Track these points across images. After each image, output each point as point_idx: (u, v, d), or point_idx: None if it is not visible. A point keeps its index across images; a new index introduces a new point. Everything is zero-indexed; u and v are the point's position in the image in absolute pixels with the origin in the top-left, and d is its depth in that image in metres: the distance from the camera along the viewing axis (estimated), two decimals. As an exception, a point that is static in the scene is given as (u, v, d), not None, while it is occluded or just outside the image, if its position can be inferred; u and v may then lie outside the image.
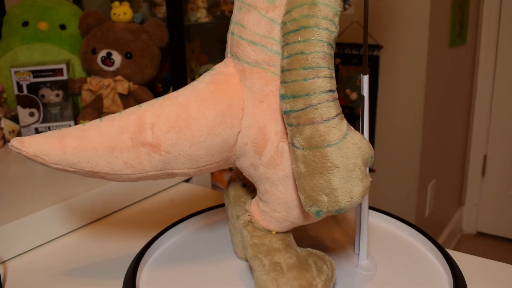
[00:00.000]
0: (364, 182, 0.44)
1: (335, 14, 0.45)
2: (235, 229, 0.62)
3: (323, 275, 0.53)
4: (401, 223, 0.69)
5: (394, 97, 1.84)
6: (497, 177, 2.29)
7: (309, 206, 0.45)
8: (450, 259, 0.59)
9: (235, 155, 0.53)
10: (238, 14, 0.51)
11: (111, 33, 1.19)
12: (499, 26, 2.14)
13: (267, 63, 0.49)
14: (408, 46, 1.76)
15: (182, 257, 0.64)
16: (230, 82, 0.52)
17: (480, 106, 2.25)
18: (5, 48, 1.20)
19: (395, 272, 0.60)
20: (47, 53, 1.20)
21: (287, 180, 0.49)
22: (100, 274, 0.63)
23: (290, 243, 0.53)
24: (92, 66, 1.19)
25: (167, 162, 0.50)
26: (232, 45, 0.52)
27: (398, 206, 1.92)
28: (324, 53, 0.44)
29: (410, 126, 1.82)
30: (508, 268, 0.62)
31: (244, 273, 0.60)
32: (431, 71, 1.78)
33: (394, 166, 1.90)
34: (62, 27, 1.24)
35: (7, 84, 1.17)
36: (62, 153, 0.47)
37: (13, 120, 1.14)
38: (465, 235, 2.41)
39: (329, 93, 0.44)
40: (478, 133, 2.28)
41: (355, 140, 0.44)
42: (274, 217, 0.51)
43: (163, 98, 0.51)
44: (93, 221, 0.79)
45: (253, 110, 0.50)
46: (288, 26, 0.45)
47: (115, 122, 0.49)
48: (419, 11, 1.71)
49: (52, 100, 1.11)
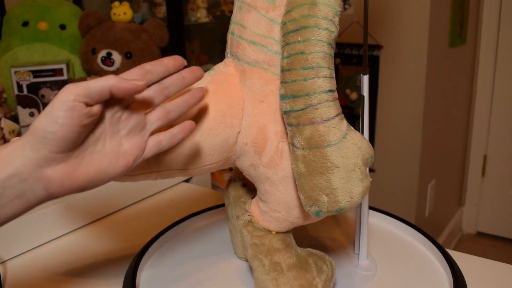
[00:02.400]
0: (364, 182, 0.44)
1: (335, 14, 0.45)
2: (235, 229, 0.62)
3: (323, 275, 0.52)
4: (401, 223, 0.69)
5: (394, 97, 1.84)
6: (497, 177, 2.29)
7: (309, 206, 0.45)
8: (450, 259, 0.59)
9: (235, 155, 0.53)
10: (238, 14, 0.51)
11: (111, 33, 1.19)
12: (499, 26, 2.14)
13: (267, 63, 0.49)
14: (408, 46, 1.76)
15: (182, 257, 0.64)
16: (230, 82, 0.52)
17: (480, 106, 2.25)
18: (5, 48, 1.20)
19: (395, 272, 0.60)
20: (47, 53, 1.20)
21: (287, 180, 0.49)
22: (100, 274, 0.63)
23: (290, 243, 0.53)
24: (92, 66, 1.19)
25: (167, 162, 0.50)
26: (232, 45, 0.52)
27: (398, 206, 1.92)
28: (324, 53, 0.44)
29: (410, 126, 1.82)
30: (508, 268, 0.62)
31: (244, 273, 0.60)
32: (431, 71, 1.78)
33: (394, 166, 1.90)
34: (62, 27, 1.24)
35: (7, 84, 1.17)
36: (62, 153, 0.47)
37: (13, 120, 1.13)
38: (465, 235, 2.40)
39: (329, 93, 0.44)
40: (478, 133, 2.28)
41: (355, 140, 0.44)
42: (274, 217, 0.51)
43: (163, 98, 0.51)
44: (93, 221, 0.79)
45: (253, 110, 0.50)
46: (288, 26, 0.45)
47: (115, 122, 0.49)
48: (419, 11, 1.71)
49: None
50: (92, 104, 0.39)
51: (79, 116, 0.38)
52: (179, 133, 0.45)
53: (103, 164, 0.41)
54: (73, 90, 0.37)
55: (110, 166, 0.41)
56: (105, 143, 0.42)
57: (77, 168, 0.40)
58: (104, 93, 0.39)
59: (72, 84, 0.38)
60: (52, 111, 0.37)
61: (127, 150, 0.43)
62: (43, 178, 0.38)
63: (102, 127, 0.41)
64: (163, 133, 0.45)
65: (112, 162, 0.42)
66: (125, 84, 0.39)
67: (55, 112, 0.37)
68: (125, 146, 0.43)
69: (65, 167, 0.39)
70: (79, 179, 0.40)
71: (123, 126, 0.43)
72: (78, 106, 0.37)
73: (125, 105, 0.43)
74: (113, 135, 0.42)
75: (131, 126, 0.43)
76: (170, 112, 0.45)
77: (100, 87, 0.38)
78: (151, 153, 0.44)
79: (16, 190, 0.37)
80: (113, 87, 0.39)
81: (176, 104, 0.46)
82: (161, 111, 0.45)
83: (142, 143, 0.44)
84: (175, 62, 0.45)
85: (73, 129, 0.38)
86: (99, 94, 0.38)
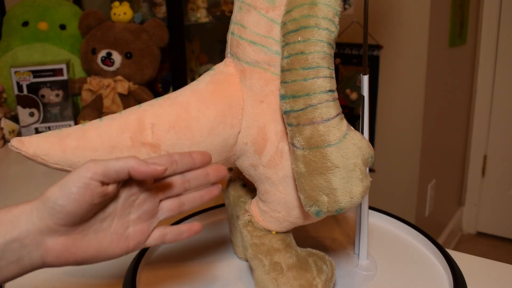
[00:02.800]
0: (364, 182, 0.44)
1: (335, 14, 0.45)
2: (235, 229, 0.62)
3: (323, 275, 0.52)
4: (401, 223, 0.69)
5: (394, 97, 1.84)
6: (497, 177, 2.29)
7: (309, 206, 0.45)
8: (450, 259, 0.59)
9: (235, 155, 0.53)
10: (238, 14, 0.51)
11: (111, 33, 1.19)
12: (499, 26, 2.13)
13: (267, 63, 0.49)
14: (408, 46, 1.76)
15: (182, 257, 0.64)
16: (230, 82, 0.52)
17: (480, 106, 2.25)
18: (5, 48, 1.20)
19: (395, 272, 0.60)
20: (47, 53, 1.20)
21: (287, 180, 0.49)
22: (100, 274, 0.63)
23: (290, 243, 0.53)
24: (92, 66, 1.19)
25: (167, 162, 0.50)
26: (232, 45, 0.52)
27: (398, 206, 1.91)
28: (324, 53, 0.44)
29: (410, 126, 1.82)
30: (508, 268, 0.62)
31: (244, 273, 0.60)
32: (431, 71, 1.78)
33: (394, 166, 1.90)
34: (62, 27, 1.24)
35: (7, 84, 1.17)
36: (62, 153, 0.47)
37: (13, 120, 1.14)
38: (465, 235, 2.40)
39: (329, 93, 0.44)
40: (478, 133, 2.28)
41: (355, 140, 0.44)
42: (274, 217, 0.51)
43: (163, 98, 0.51)
44: (93, 221, 0.78)
45: (253, 110, 0.50)
46: (288, 26, 0.45)
47: (115, 122, 0.49)
48: (419, 11, 1.71)
49: (52, 100, 1.11)
50: (109, 183, 0.38)
51: (92, 194, 0.37)
52: (186, 233, 0.45)
53: (103, 244, 0.40)
54: (92, 168, 0.37)
55: (109, 248, 0.41)
56: (112, 223, 0.41)
57: (78, 244, 0.39)
58: (122, 174, 0.38)
59: (93, 161, 0.38)
60: (67, 184, 0.37)
61: (131, 234, 0.42)
62: (42, 247, 0.38)
63: (114, 206, 0.41)
64: (170, 227, 0.45)
65: (113, 244, 0.41)
66: (145, 167, 0.39)
67: (69, 186, 0.37)
68: (131, 230, 0.42)
69: (65, 241, 0.39)
70: (76, 255, 0.39)
71: (135, 209, 0.42)
72: (93, 184, 0.37)
73: (143, 188, 0.42)
74: (122, 217, 0.41)
75: (142, 211, 0.42)
76: (183, 205, 0.45)
77: (120, 168, 0.38)
78: (153, 243, 0.44)
79: (15, 255, 0.37)
80: (132, 169, 0.38)
81: (191, 198, 0.45)
82: (175, 203, 0.44)
83: (147, 231, 0.43)
84: (203, 158, 0.44)
85: (83, 206, 0.37)
86: (117, 174, 0.38)
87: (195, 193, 0.45)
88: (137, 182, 0.41)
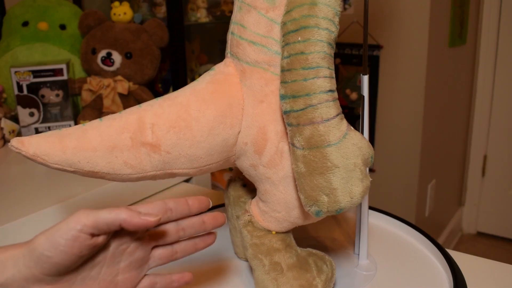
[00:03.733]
0: (364, 182, 0.44)
1: (335, 14, 0.45)
2: (235, 229, 0.62)
3: (323, 275, 0.52)
4: (401, 223, 0.69)
5: (394, 97, 1.84)
6: (497, 177, 2.29)
7: (309, 206, 0.45)
8: (450, 259, 0.59)
9: (235, 155, 0.53)
10: (238, 14, 0.51)
11: (111, 33, 1.19)
12: (499, 26, 2.14)
13: (267, 63, 0.49)
14: (408, 46, 1.76)
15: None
16: (230, 82, 0.52)
17: (480, 106, 2.25)
18: (5, 48, 1.20)
19: (395, 272, 0.60)
20: (47, 53, 1.20)
21: (287, 180, 0.49)
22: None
23: (290, 243, 0.53)
24: (92, 66, 1.19)
25: (167, 162, 0.50)
26: (232, 45, 0.52)
27: (398, 206, 1.92)
28: (324, 53, 0.44)
29: (410, 126, 1.82)
30: (508, 268, 0.62)
31: (244, 273, 0.60)
32: (431, 71, 1.78)
33: (394, 166, 1.90)
34: (62, 27, 1.24)
35: (7, 84, 1.17)
36: (62, 153, 0.47)
37: (13, 120, 1.13)
38: (465, 235, 2.41)
39: (329, 93, 0.44)
40: (478, 133, 2.28)
41: (355, 140, 0.44)
42: (274, 217, 0.51)
43: (163, 98, 0.51)
44: (93, 221, 0.78)
45: (253, 110, 0.50)
46: (288, 26, 0.45)
47: (115, 122, 0.49)
48: (419, 11, 1.71)
49: (52, 100, 1.11)
50: (99, 234, 0.38)
51: (80, 247, 0.37)
52: (176, 283, 0.44)
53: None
54: (82, 220, 0.36)
55: None
56: (101, 271, 0.40)
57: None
58: (113, 226, 0.38)
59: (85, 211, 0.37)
60: (56, 235, 0.36)
61: (119, 282, 0.41)
62: None
63: (103, 255, 0.40)
64: (160, 275, 0.44)
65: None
66: (137, 220, 0.38)
67: (57, 237, 0.36)
68: (119, 278, 0.41)
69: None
70: None
71: (126, 257, 0.41)
72: (82, 237, 0.36)
73: (134, 237, 0.41)
74: (112, 265, 0.41)
75: (133, 259, 0.42)
76: (176, 253, 0.44)
77: (111, 220, 0.37)
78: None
79: None
80: (124, 221, 0.38)
81: (184, 246, 0.44)
82: (168, 251, 0.44)
83: (137, 279, 0.42)
84: (199, 205, 0.43)
85: (71, 258, 0.37)
86: (108, 226, 0.37)
87: (189, 242, 0.45)
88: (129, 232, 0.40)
